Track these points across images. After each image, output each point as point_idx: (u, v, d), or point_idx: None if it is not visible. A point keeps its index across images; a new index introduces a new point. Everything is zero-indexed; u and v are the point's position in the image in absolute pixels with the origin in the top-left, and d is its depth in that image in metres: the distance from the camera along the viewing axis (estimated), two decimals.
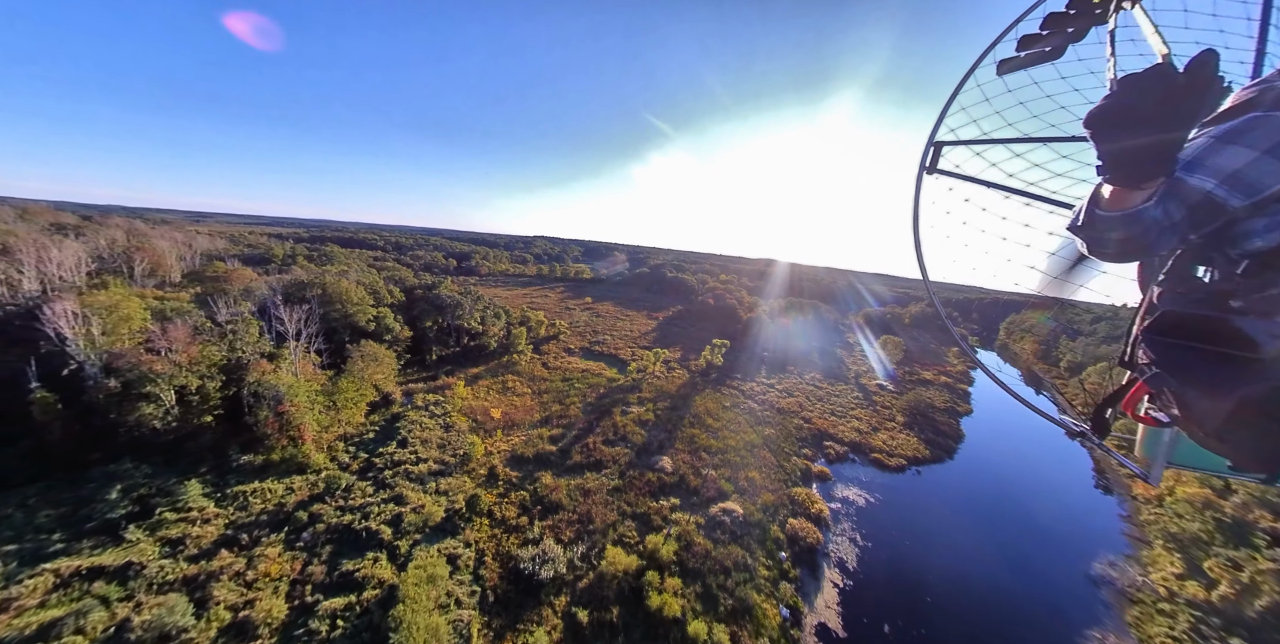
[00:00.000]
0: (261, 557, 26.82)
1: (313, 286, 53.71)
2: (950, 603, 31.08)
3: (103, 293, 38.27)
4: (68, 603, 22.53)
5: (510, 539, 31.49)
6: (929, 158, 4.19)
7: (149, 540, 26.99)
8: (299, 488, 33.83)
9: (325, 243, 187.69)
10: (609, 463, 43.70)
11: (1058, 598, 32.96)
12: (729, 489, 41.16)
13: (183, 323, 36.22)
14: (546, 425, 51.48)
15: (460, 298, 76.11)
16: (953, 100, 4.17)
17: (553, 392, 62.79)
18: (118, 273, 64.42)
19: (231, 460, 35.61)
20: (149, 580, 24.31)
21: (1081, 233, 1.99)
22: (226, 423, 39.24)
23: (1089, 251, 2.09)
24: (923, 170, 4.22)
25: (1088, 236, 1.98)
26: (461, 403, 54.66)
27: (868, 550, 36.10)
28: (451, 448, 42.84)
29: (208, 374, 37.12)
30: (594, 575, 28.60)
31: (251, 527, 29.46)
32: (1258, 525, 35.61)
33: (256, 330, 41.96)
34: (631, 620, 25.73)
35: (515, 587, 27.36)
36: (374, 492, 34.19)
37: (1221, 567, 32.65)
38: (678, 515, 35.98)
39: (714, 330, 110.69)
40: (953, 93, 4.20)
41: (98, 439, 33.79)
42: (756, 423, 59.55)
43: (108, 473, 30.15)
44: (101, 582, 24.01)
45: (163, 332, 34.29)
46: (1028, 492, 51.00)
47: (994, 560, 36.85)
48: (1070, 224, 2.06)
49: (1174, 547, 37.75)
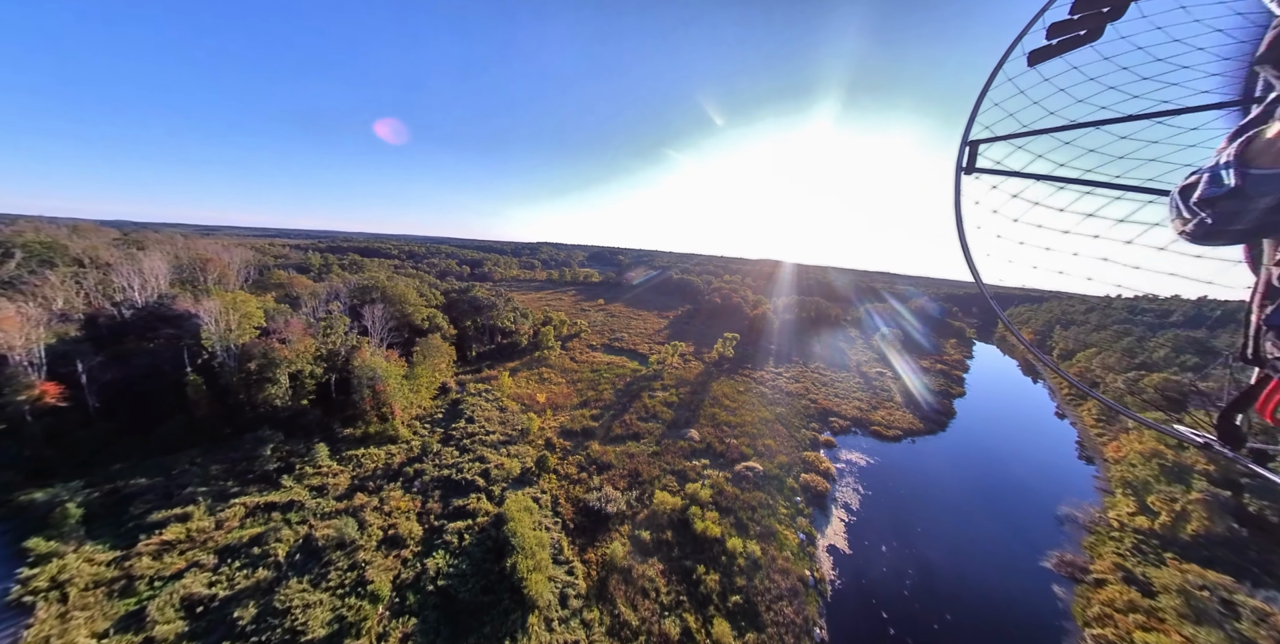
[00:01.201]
0: (389, 497, 34.01)
1: (375, 290, 61.11)
2: (936, 532, 38.04)
3: (229, 294, 45.62)
4: (260, 525, 29.79)
5: (576, 488, 38.61)
6: (965, 158, 4.09)
7: (299, 486, 34.26)
8: (398, 453, 41.09)
9: (345, 253, 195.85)
10: (645, 434, 50.81)
11: (1027, 530, 39.87)
12: (749, 452, 48.25)
13: (296, 318, 43.57)
14: (585, 407, 58.64)
15: (494, 299, 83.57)
16: (984, 96, 4.01)
17: (585, 380, 69.95)
18: (192, 281, 72.15)
19: (336, 433, 42.91)
20: (311, 512, 31.54)
21: (1220, 203, 1.69)
22: (322, 403, 46.61)
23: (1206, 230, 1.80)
24: (960, 171, 4.11)
25: (1225, 207, 1.69)
26: (508, 390, 61.87)
27: (868, 497, 43.11)
28: (510, 424, 50.01)
29: (311, 361, 44.46)
30: (648, 511, 35.74)
31: (371, 478, 36.70)
32: (1194, 468, 42.46)
33: (344, 326, 49.24)
34: (682, 540, 32.80)
35: (587, 518, 34.46)
36: (459, 454, 41.40)
37: (1161, 501, 39.50)
38: (709, 471, 43.06)
39: (722, 327, 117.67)
40: (983, 89, 4.02)
41: (231, 415, 41.14)
42: (768, 403, 66.60)
43: (257, 438, 37.43)
44: (277, 513, 31.27)
45: (285, 325, 41.64)
46: (1012, 457, 57.79)
47: (975, 504, 43.80)
48: (1202, 195, 1.75)
49: (1129, 492, 44.59)
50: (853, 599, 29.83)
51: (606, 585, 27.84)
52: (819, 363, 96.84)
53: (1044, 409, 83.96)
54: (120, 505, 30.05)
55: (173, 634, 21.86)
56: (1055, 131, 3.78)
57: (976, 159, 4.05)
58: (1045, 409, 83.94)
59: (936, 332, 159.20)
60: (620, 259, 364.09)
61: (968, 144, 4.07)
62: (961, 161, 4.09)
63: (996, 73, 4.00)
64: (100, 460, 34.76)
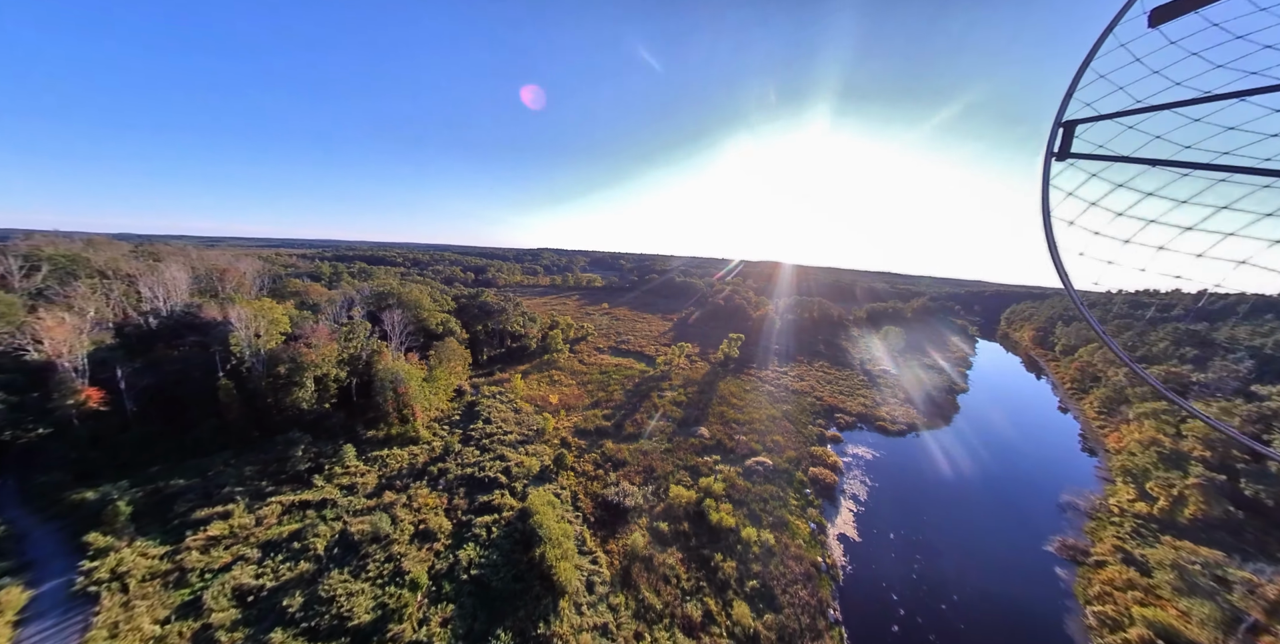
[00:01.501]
0: (416, 494, 35.52)
1: (391, 296, 62.88)
2: (942, 521, 39.37)
3: (256, 301, 47.38)
4: (297, 521, 31.32)
5: (594, 484, 40.06)
6: (1057, 141, 3.48)
7: (330, 486, 35.82)
8: (420, 453, 42.64)
9: (352, 261, 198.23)
10: (656, 433, 52.25)
11: (1030, 517, 41.16)
12: (759, 448, 49.66)
13: (323, 324, 45.30)
14: (597, 407, 60.13)
15: (504, 304, 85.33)
16: (1086, 67, 3.38)
17: (594, 382, 71.47)
18: (211, 291, 74.06)
19: (360, 435, 44.48)
20: (344, 509, 33.07)
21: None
22: (344, 406, 48.21)
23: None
24: (1050, 157, 3.51)
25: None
26: (521, 392, 63.44)
27: (875, 488, 44.46)
28: (526, 425, 51.53)
29: (336, 365, 46.12)
30: (664, 504, 37.18)
31: (398, 477, 38.24)
32: (1191, 455, 43.73)
33: (365, 331, 50.92)
34: (698, 530, 34.21)
35: (607, 512, 35.88)
36: (480, 454, 42.92)
37: (1159, 486, 40.79)
38: (720, 466, 44.48)
39: (726, 328, 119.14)
40: (1085, 58, 3.39)
41: (259, 419, 42.75)
42: (775, 401, 68.00)
43: (288, 440, 39.01)
44: (312, 510, 32.80)
45: (313, 330, 43.37)
46: (1015, 450, 59.05)
47: (979, 494, 45.12)
48: None
49: (1129, 480, 45.85)
50: (864, 583, 31.20)
51: (630, 573, 29.28)
52: (823, 362, 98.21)
53: (1048, 403, 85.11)
54: (164, 504, 31.62)
55: (229, 621, 23.37)
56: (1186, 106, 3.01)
57: (1072, 142, 3.44)
58: (1049, 403, 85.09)
59: (941, 328, 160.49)
60: (622, 264, 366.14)
61: (1061, 125, 3.45)
62: (1053, 146, 3.48)
63: (1106, 36, 3.35)
64: (140, 462, 36.38)
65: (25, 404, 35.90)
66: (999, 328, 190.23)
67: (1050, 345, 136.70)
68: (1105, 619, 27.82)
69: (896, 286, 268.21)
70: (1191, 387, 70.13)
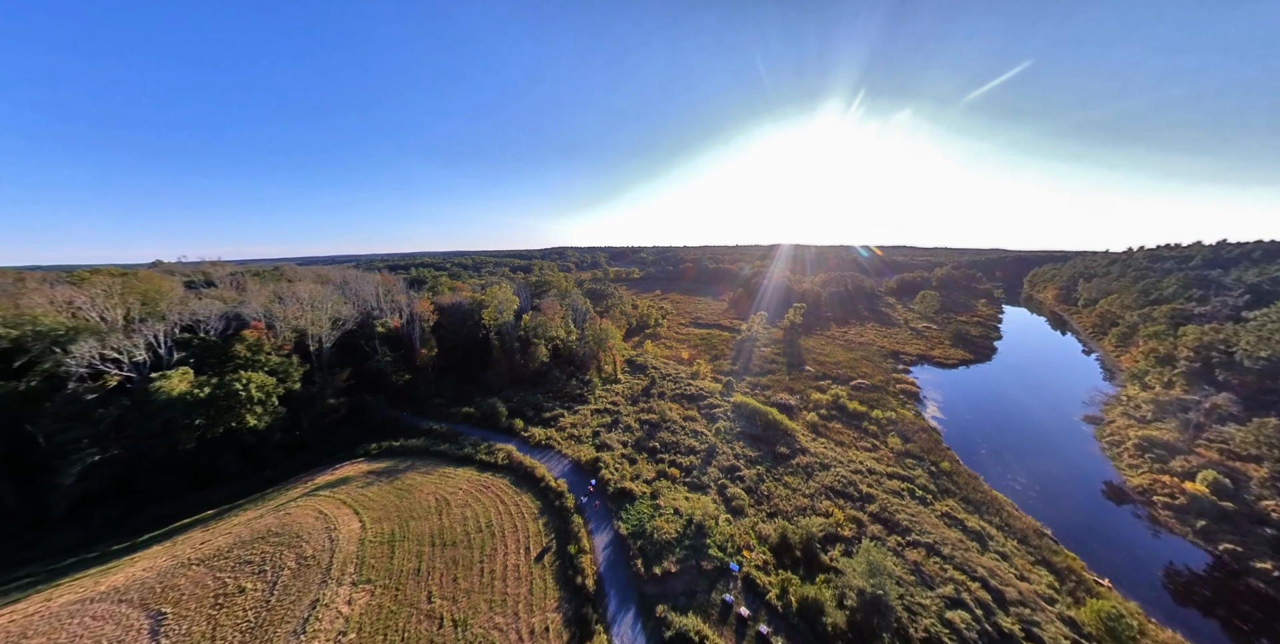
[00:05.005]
0: (656, 405, 54.54)
1: (547, 284, 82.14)
2: (997, 411, 57.43)
3: (497, 287, 67.05)
4: (604, 416, 50.50)
5: (761, 393, 58.71)
6: None
7: (601, 402, 55.01)
8: (635, 385, 61.68)
9: (425, 268, 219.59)
10: (774, 370, 70.80)
11: (1062, 407, 58.89)
12: (854, 375, 67.96)
13: (552, 299, 64.63)
14: (719, 360, 78.87)
15: (607, 290, 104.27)
16: None
17: (700, 345, 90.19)
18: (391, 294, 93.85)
19: (580, 378, 63.74)
20: (625, 411, 52.22)
21: None
22: (554, 360, 67.50)
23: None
24: None
25: None
26: (653, 353, 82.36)
27: (946, 396, 62.60)
28: (681, 370, 70.40)
29: (557, 331, 65.39)
30: (811, 402, 55.76)
31: (635, 397, 57.32)
32: (1179, 356, 60.80)
33: (585, 304, 70.22)
34: (842, 415, 52.75)
35: (779, 408, 54.51)
36: (674, 385, 61.88)
37: (1155, 377, 58.07)
38: (833, 388, 62.84)
39: (777, 303, 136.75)
40: None
41: (511, 371, 62.22)
42: (848, 350, 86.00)
43: (554, 376, 58.45)
44: (605, 414, 51.99)
45: (544, 305, 62.72)
46: (1048, 374, 76.34)
47: (1023, 398, 62.92)
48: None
49: (1134, 381, 63.09)
50: (956, 436, 49.65)
51: (818, 431, 48.03)
52: (872, 322, 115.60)
53: (1073, 348, 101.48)
54: (515, 412, 51.02)
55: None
56: None
57: None
58: (1074, 348, 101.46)
59: (966, 293, 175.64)
60: (642, 256, 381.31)
61: None
62: None
63: None
64: (461, 396, 56.01)
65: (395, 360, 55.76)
66: (1023, 290, 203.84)
67: (1073, 301, 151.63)
68: (1111, 441, 45.76)
69: (915, 257, 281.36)
70: (1193, 317, 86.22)
